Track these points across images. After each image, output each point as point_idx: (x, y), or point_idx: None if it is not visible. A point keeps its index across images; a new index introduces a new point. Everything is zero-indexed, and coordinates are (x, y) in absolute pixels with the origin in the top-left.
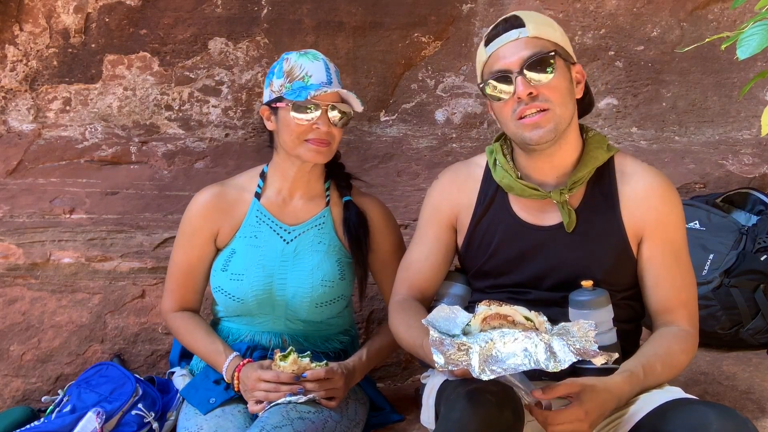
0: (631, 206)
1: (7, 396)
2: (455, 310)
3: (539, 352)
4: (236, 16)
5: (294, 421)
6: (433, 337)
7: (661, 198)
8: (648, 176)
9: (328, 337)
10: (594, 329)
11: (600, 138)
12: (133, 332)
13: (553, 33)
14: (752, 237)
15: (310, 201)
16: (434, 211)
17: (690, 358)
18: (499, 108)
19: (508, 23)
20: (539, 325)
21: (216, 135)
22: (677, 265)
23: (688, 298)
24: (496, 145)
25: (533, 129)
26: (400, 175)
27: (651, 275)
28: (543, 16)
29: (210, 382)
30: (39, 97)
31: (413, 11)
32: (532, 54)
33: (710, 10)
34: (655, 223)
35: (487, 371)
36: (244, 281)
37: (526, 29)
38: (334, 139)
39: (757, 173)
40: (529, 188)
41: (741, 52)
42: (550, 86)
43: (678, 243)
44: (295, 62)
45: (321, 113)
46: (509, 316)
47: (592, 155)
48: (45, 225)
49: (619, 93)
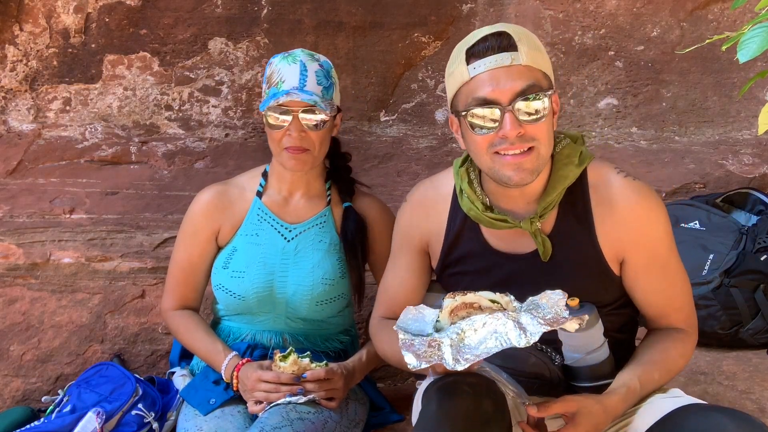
0: (608, 228)
1: (7, 396)
2: (421, 309)
3: (509, 330)
4: (236, 16)
5: (294, 421)
6: (402, 340)
7: (639, 217)
8: (623, 193)
9: (328, 336)
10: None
11: (570, 150)
12: (133, 332)
13: (543, 60)
14: (752, 237)
15: (311, 200)
16: (405, 238)
17: (687, 360)
18: (474, 139)
19: (499, 42)
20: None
21: (216, 135)
22: (665, 276)
23: (682, 303)
24: (461, 170)
25: (514, 169)
26: (400, 175)
27: (639, 291)
28: (532, 37)
29: (209, 383)
30: (39, 97)
31: (413, 11)
32: (525, 88)
33: (710, 10)
34: (635, 243)
35: (461, 360)
36: (245, 278)
37: (519, 54)
38: (314, 145)
39: (757, 173)
40: (498, 220)
41: (741, 55)
42: (539, 125)
43: (663, 255)
44: (275, 67)
45: (292, 119)
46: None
47: (561, 174)
48: (45, 225)
49: (619, 93)
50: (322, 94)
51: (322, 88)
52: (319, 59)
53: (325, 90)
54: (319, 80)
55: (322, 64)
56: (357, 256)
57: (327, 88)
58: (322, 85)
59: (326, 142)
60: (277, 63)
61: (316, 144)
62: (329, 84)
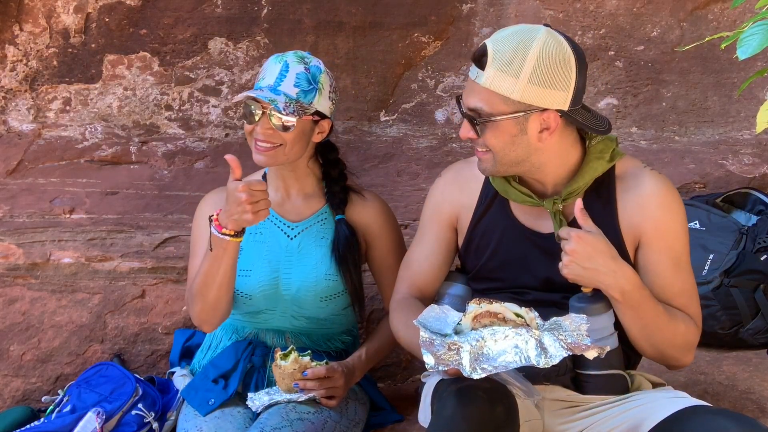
0: (630, 212)
1: (7, 396)
2: (445, 310)
3: (530, 348)
4: (236, 16)
5: (293, 422)
6: (423, 338)
7: (661, 205)
8: (649, 182)
9: (330, 336)
10: (586, 323)
11: (603, 146)
12: (133, 332)
13: (513, 86)
14: (752, 237)
15: (310, 198)
16: (435, 211)
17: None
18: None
19: (477, 55)
20: (530, 321)
21: (216, 135)
22: (676, 271)
23: (687, 302)
24: None
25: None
26: (400, 175)
27: (646, 281)
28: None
29: (209, 382)
30: (39, 97)
31: (413, 11)
32: (472, 108)
33: (710, 10)
34: (653, 231)
35: (478, 370)
36: (251, 276)
37: (483, 74)
38: (286, 143)
39: (757, 173)
40: (523, 194)
41: (741, 52)
42: (487, 136)
43: (677, 250)
44: (265, 64)
45: (262, 114)
46: (500, 314)
47: (591, 166)
48: (45, 225)
49: (619, 93)
50: (297, 97)
51: (299, 90)
52: (308, 63)
53: (303, 93)
54: (298, 83)
55: (309, 68)
56: (349, 270)
57: (306, 92)
58: (301, 87)
59: (299, 144)
60: (269, 61)
61: (289, 142)
62: (311, 88)
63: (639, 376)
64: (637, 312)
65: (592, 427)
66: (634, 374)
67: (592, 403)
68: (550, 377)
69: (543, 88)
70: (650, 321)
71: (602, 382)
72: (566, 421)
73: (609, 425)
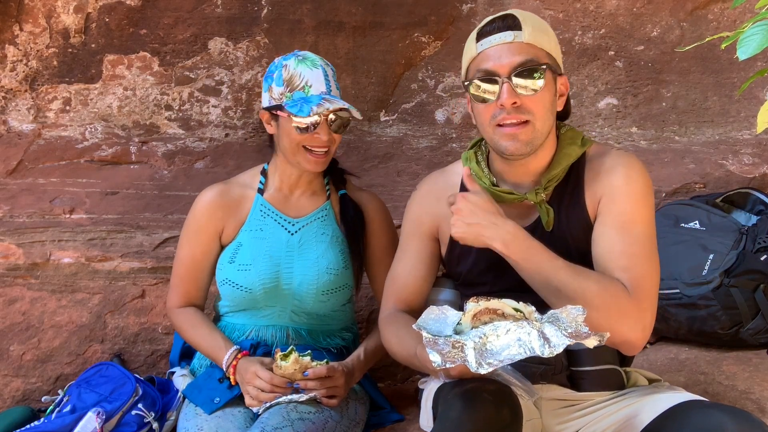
0: (594, 187)
1: (7, 396)
2: (444, 310)
3: (533, 339)
4: (236, 16)
5: (294, 422)
6: (427, 338)
7: (618, 173)
8: (613, 156)
9: (330, 332)
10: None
11: (573, 133)
12: (133, 332)
13: (548, 42)
14: (752, 237)
15: (311, 195)
16: (416, 224)
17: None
18: (479, 110)
19: (505, 22)
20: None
21: (216, 135)
22: (621, 234)
23: (627, 264)
24: (470, 153)
25: (510, 139)
26: (400, 175)
27: (594, 247)
28: (540, 21)
29: (214, 381)
30: (39, 97)
31: (413, 11)
32: (524, 61)
33: (710, 10)
34: (608, 196)
35: (484, 365)
36: (251, 271)
37: (522, 33)
38: (334, 144)
39: (757, 173)
40: (504, 193)
41: (741, 53)
42: (534, 99)
43: (629, 214)
44: (294, 70)
45: (321, 122)
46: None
47: (565, 152)
48: (45, 225)
49: (619, 93)
50: (340, 96)
51: (339, 90)
52: (326, 62)
53: (338, 91)
54: (336, 83)
55: (331, 68)
56: (358, 240)
57: (338, 90)
58: (338, 87)
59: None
60: (295, 66)
61: (336, 143)
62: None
63: (635, 372)
64: (528, 263)
65: (590, 424)
66: (629, 371)
67: (588, 400)
68: (546, 376)
69: (559, 51)
70: (549, 274)
71: (597, 377)
72: (564, 420)
73: (606, 422)
